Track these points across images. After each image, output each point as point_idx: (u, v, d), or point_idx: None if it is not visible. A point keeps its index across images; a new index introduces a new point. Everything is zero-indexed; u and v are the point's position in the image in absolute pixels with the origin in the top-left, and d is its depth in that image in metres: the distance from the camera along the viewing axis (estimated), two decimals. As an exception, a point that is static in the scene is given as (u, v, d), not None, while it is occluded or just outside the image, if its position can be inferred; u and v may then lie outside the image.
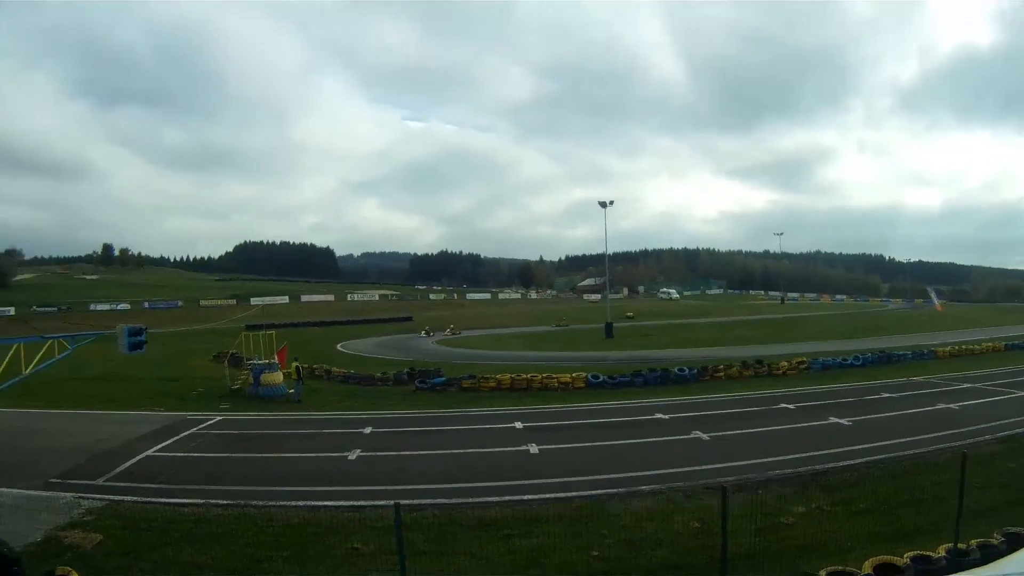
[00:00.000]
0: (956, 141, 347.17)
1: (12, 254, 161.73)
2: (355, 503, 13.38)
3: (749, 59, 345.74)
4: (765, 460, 16.43)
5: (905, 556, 9.59)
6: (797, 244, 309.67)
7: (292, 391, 27.99)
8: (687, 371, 31.27)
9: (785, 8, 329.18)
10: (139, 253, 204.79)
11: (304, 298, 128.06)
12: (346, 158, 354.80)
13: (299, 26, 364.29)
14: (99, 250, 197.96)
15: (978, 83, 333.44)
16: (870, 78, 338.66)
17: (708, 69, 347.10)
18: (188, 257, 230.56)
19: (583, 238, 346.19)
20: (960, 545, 9.78)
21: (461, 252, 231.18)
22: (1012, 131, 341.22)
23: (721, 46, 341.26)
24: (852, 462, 16.11)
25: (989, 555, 9.46)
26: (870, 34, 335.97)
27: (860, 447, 17.51)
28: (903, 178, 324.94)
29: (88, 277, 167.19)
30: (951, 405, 23.60)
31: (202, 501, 13.25)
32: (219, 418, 23.47)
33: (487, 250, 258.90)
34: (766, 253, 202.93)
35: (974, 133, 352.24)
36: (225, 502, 13.24)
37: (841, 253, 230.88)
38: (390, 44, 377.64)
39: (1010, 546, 9.79)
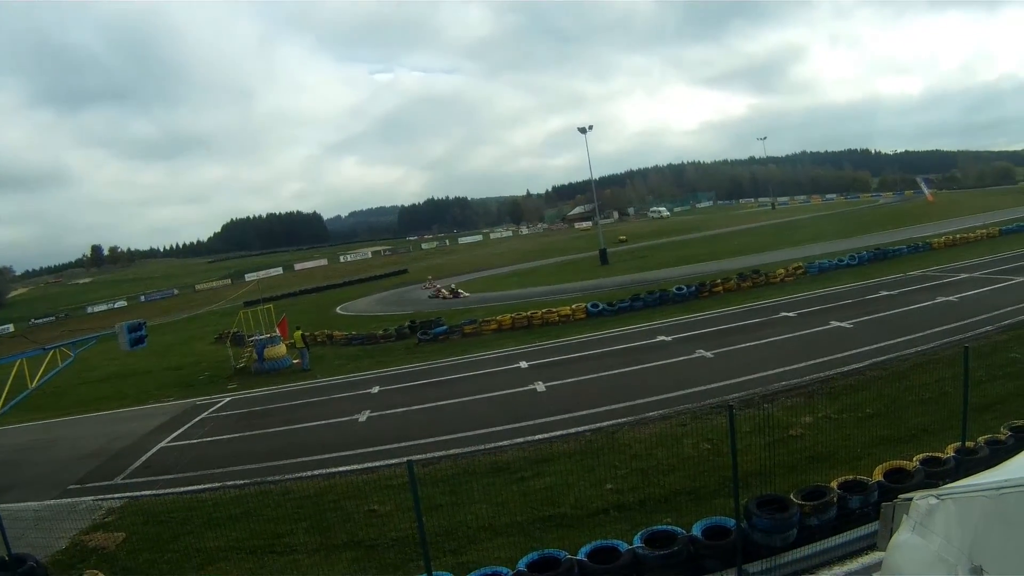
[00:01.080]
0: (928, 25, 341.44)
1: (2, 272, 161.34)
2: (369, 465, 13.67)
3: None
4: (770, 372, 16.60)
5: (914, 460, 9.72)
6: (782, 147, 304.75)
7: (298, 361, 28.05)
8: (685, 289, 31.43)
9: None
10: (128, 249, 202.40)
11: (298, 266, 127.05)
12: (319, 121, 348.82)
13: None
14: (88, 253, 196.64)
15: None
16: None
17: None
18: (177, 244, 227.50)
19: (567, 167, 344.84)
20: (968, 444, 9.81)
21: (448, 197, 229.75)
22: (983, 10, 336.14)
23: None
24: (856, 366, 16.24)
25: (997, 451, 9.60)
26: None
27: (863, 349, 17.63)
28: (879, 68, 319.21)
29: (81, 281, 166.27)
30: (950, 297, 23.67)
31: (219, 484, 13.43)
32: (228, 399, 23.63)
33: (473, 192, 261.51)
34: (752, 159, 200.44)
35: (945, 14, 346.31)
36: (242, 482, 13.47)
37: (826, 151, 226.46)
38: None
39: (1017, 440, 9.94)
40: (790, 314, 24.24)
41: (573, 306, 30.38)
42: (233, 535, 10.61)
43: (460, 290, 50.69)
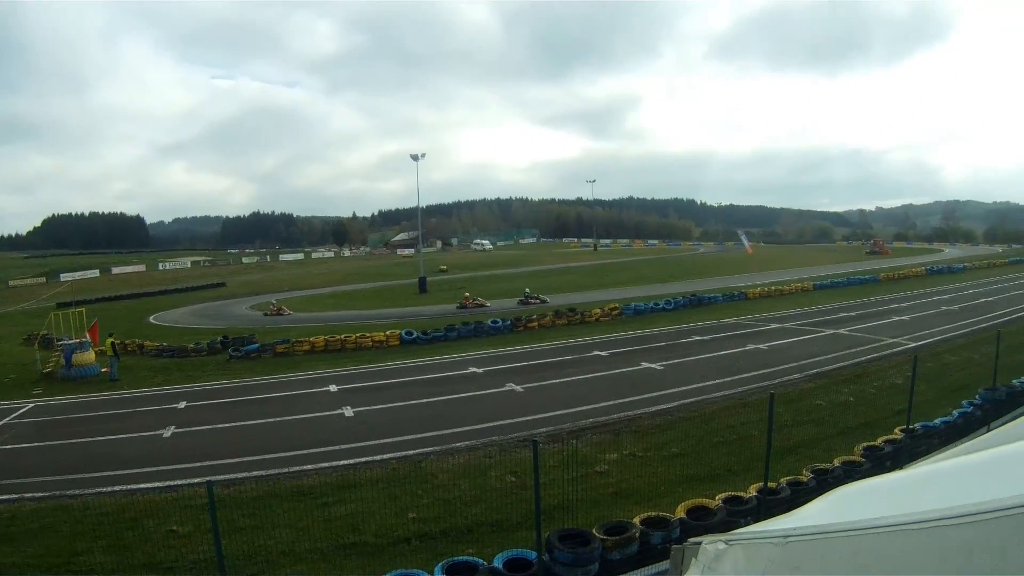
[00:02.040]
0: (766, 87, 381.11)
1: None
2: (171, 483, 13.66)
3: (563, 7, 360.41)
4: (579, 408, 17.98)
5: (717, 498, 10.87)
6: (610, 191, 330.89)
7: (106, 369, 27.98)
8: (500, 323, 33.45)
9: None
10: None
11: (115, 270, 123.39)
12: (152, 121, 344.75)
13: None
14: None
15: (790, 30, 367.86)
16: (684, 26, 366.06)
17: (521, 17, 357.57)
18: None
19: (396, 192, 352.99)
20: (770, 484, 11.13)
21: (273, 212, 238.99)
22: (821, 78, 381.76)
23: None
24: (664, 406, 17.96)
25: (798, 491, 10.98)
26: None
27: (672, 391, 19.55)
28: (714, 124, 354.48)
29: None
30: (760, 345, 26.76)
31: (16, 496, 13.08)
32: (31, 405, 23.18)
33: (300, 209, 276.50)
34: (579, 200, 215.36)
35: (784, 80, 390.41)
36: (40, 495, 13.23)
37: (653, 199, 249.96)
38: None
39: (819, 481, 11.40)
40: (603, 353, 26.35)
41: (387, 332, 31.89)
42: (29, 551, 10.48)
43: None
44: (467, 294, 47.87)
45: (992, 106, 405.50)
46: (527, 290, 47.98)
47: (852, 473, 11.81)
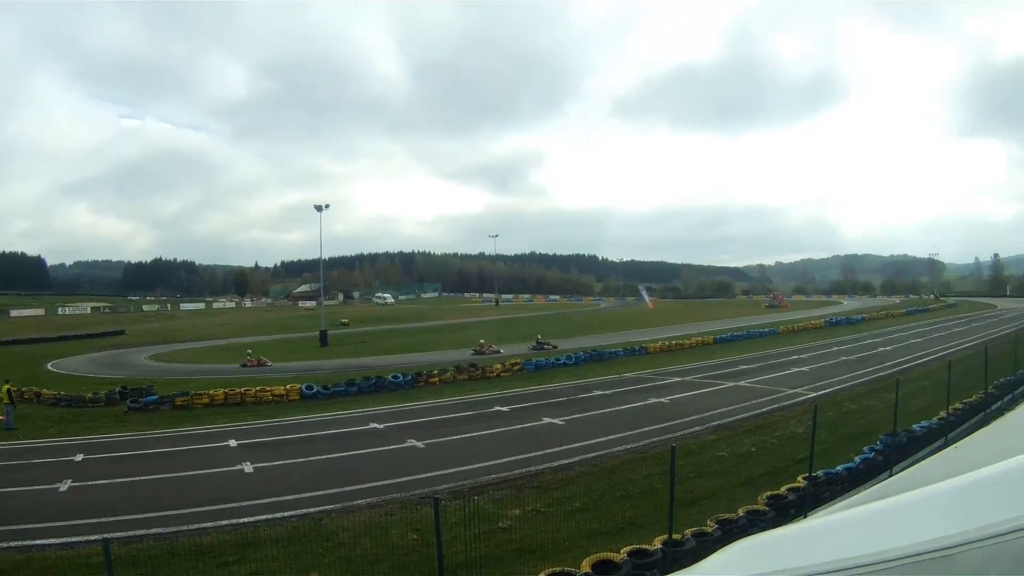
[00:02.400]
0: (667, 145, 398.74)
1: None
2: (67, 540, 13.20)
3: (472, 63, 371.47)
4: (481, 465, 18.20)
5: (622, 552, 11.12)
6: (512, 246, 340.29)
7: (2, 418, 27.30)
8: (401, 378, 33.67)
9: (510, 13, 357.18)
10: None
11: (13, 313, 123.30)
12: (57, 157, 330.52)
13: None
14: None
15: (691, 92, 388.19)
16: (590, 85, 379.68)
17: (430, 71, 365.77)
18: None
19: (299, 243, 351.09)
20: (675, 536, 11.45)
21: (175, 259, 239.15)
22: (723, 137, 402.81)
23: (444, 49, 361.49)
24: (566, 461, 18.34)
25: (703, 542, 11.38)
26: (593, 43, 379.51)
27: (574, 445, 19.91)
28: (616, 180, 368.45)
29: None
30: (662, 399, 27.65)
31: None
32: None
33: (202, 257, 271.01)
34: (481, 255, 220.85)
35: (684, 138, 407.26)
36: None
37: (555, 254, 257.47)
38: (107, 35, 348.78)
39: (723, 532, 11.79)
40: (504, 409, 26.77)
41: (288, 386, 31.94)
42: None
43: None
44: (482, 340, 48.58)
45: (889, 164, 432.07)
46: (539, 336, 49.71)
47: (757, 522, 12.26)
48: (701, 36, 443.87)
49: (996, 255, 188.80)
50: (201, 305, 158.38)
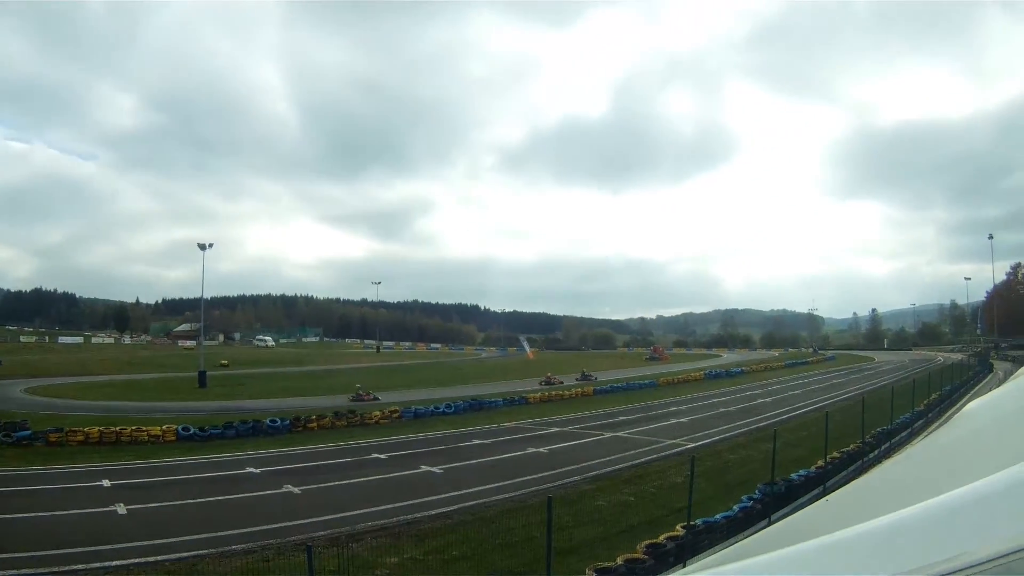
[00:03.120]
0: (552, 198, 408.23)
1: None
2: None
3: (361, 107, 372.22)
4: (358, 512, 18.08)
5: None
6: (395, 293, 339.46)
7: None
8: (279, 422, 33.52)
9: (401, 60, 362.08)
10: None
11: None
12: None
13: None
14: None
15: (577, 147, 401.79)
16: (478, 136, 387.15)
17: (321, 113, 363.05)
18: None
19: (182, 281, 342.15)
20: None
21: (56, 290, 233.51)
22: (603, 192, 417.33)
23: (334, 91, 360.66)
24: (444, 510, 18.39)
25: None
26: (482, 94, 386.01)
27: (452, 494, 20.05)
28: (498, 231, 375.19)
29: None
30: (540, 449, 28.03)
31: None
32: None
33: (84, 289, 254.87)
34: (364, 301, 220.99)
35: (569, 192, 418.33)
36: None
37: (438, 302, 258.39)
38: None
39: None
40: (382, 456, 26.86)
41: (164, 427, 31.66)
42: None
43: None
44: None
45: (771, 222, 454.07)
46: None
47: (635, 570, 12.59)
48: (588, 92, 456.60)
49: (874, 310, 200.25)
50: (79, 339, 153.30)
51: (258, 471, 24.31)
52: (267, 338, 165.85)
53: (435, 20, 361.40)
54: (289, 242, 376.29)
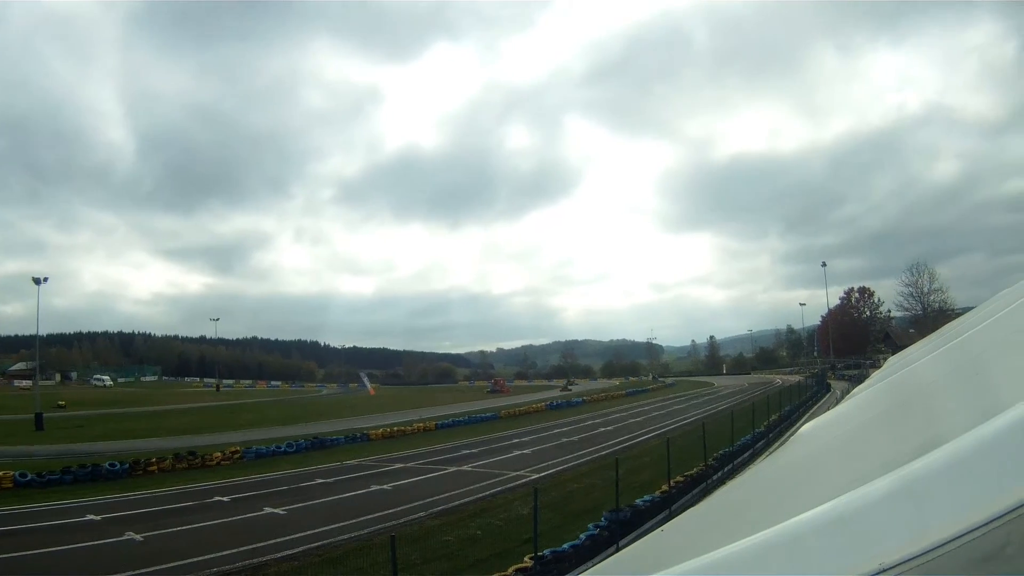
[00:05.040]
0: (390, 233, 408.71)
1: None
2: None
3: (199, 137, 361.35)
4: (203, 558, 17.54)
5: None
6: (234, 329, 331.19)
7: None
8: (119, 466, 32.29)
9: (240, 89, 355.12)
10: None
11: None
12: None
13: None
14: None
15: (416, 181, 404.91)
16: (316, 168, 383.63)
17: (159, 142, 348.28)
18: None
19: (16, 317, 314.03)
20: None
21: None
22: (442, 226, 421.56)
23: (172, 120, 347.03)
24: (290, 552, 18.03)
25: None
26: (320, 126, 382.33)
27: (297, 535, 19.60)
28: (337, 266, 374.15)
29: None
30: (384, 486, 27.85)
31: None
32: None
33: None
34: (203, 338, 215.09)
35: (408, 226, 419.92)
36: None
37: (277, 339, 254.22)
38: None
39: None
40: (224, 499, 26.06)
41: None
42: None
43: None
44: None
45: (609, 254, 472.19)
46: None
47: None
48: (427, 126, 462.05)
49: (712, 337, 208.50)
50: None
51: (99, 518, 23.21)
52: (105, 377, 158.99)
53: (274, 49, 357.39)
54: (126, 276, 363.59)
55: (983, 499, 1.66)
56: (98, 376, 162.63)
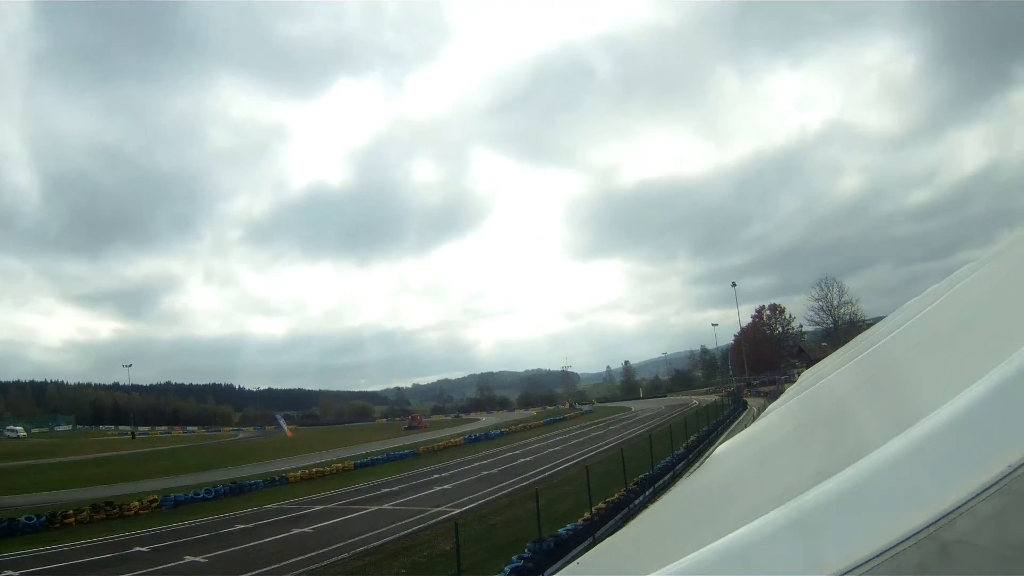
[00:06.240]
0: (300, 272, 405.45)
1: None
2: None
3: (105, 178, 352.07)
4: None
5: None
6: (147, 376, 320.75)
7: None
8: (36, 519, 31.21)
9: (144, 128, 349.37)
10: None
11: None
12: None
13: None
14: None
15: (324, 218, 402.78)
16: (223, 208, 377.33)
17: (63, 184, 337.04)
18: None
19: None
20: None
21: None
22: (352, 264, 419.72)
23: (78, 161, 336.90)
24: None
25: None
26: (227, 165, 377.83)
27: None
28: (249, 307, 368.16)
29: None
30: (305, 529, 27.60)
31: None
32: None
33: None
34: (116, 385, 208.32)
35: (317, 265, 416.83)
36: None
37: (191, 383, 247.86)
38: None
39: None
40: (144, 549, 25.51)
41: None
42: None
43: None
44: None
45: (520, 285, 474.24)
46: None
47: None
48: (333, 162, 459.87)
49: (627, 362, 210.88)
50: None
51: (16, 574, 22.41)
52: (18, 428, 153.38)
53: (179, 87, 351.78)
54: (35, 323, 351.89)
55: (877, 528, 1.79)
56: (11, 427, 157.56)
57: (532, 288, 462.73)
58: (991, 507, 1.63)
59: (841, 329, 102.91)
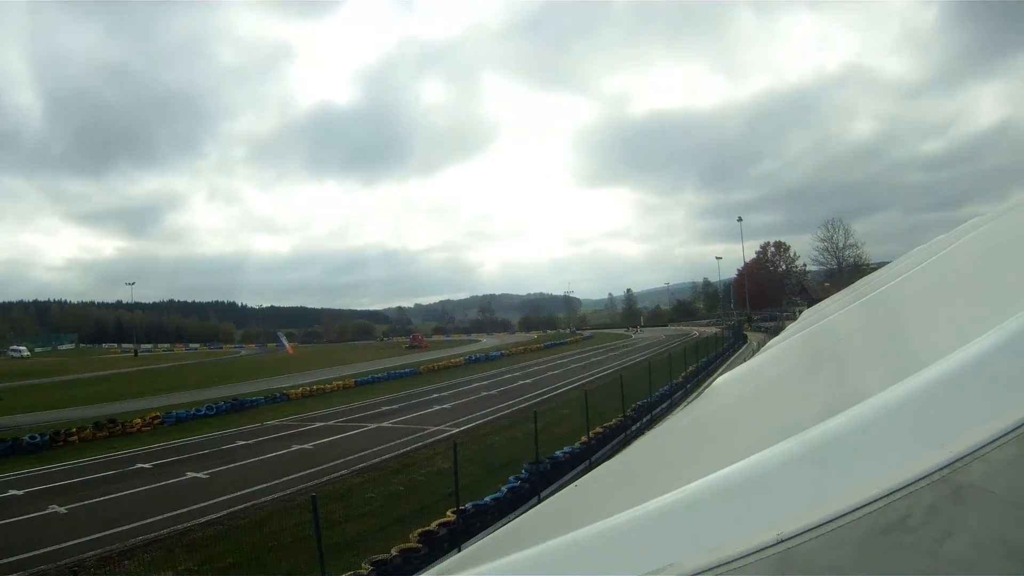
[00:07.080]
0: (305, 190, 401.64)
1: None
2: None
3: (109, 96, 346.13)
4: (128, 527, 17.26)
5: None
6: (150, 294, 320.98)
7: None
8: (39, 438, 31.37)
9: (150, 46, 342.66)
10: None
11: None
12: None
13: None
14: None
15: (330, 138, 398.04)
16: (228, 126, 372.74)
17: (66, 103, 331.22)
18: None
19: None
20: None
21: None
22: (356, 183, 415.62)
23: (81, 79, 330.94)
24: (214, 516, 17.92)
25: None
26: (232, 82, 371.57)
27: (221, 499, 19.53)
28: (252, 225, 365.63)
29: None
30: (305, 445, 27.82)
31: None
32: None
33: None
34: (119, 304, 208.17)
35: (322, 183, 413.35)
36: None
37: (194, 301, 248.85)
38: None
39: (379, 572, 12.17)
40: (146, 466, 25.69)
41: None
42: None
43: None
44: None
45: (526, 209, 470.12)
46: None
47: (411, 560, 12.86)
48: (341, 81, 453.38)
49: (629, 290, 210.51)
50: None
51: (21, 493, 22.72)
52: (21, 348, 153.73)
53: (184, 4, 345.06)
54: (38, 243, 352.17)
55: (888, 466, 1.78)
56: (14, 347, 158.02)
57: (537, 213, 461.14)
58: (1005, 455, 1.62)
59: (845, 271, 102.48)
